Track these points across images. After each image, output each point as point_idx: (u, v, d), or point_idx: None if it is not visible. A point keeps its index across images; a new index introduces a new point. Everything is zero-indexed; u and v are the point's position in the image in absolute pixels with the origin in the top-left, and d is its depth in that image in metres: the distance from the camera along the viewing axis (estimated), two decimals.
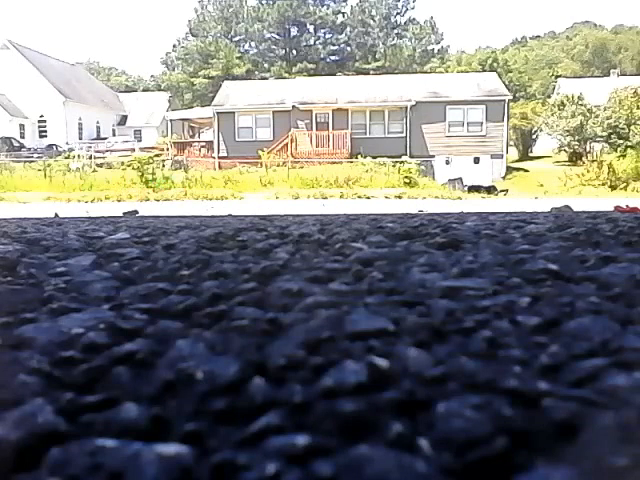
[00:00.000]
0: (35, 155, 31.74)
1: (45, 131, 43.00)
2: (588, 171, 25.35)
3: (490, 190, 23.55)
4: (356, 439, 0.46)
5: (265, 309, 0.88)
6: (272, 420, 0.49)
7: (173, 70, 67.66)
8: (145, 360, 0.66)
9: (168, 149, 32.42)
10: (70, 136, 41.86)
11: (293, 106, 30.29)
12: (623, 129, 31.30)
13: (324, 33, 68.65)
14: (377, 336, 0.72)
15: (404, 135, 30.12)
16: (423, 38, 67.17)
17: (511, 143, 35.27)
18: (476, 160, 29.83)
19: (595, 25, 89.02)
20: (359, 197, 17.97)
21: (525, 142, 37.87)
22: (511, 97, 32.53)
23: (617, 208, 3.68)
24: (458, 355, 0.65)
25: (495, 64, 56.41)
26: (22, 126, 41.86)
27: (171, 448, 0.44)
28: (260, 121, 31.04)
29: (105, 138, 42.00)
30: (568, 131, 32.12)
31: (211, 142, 31.96)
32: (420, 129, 30.03)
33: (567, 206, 4.57)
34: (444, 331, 0.75)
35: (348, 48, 67.90)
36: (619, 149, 29.46)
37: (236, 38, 67.96)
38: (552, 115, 33.17)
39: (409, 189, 19.84)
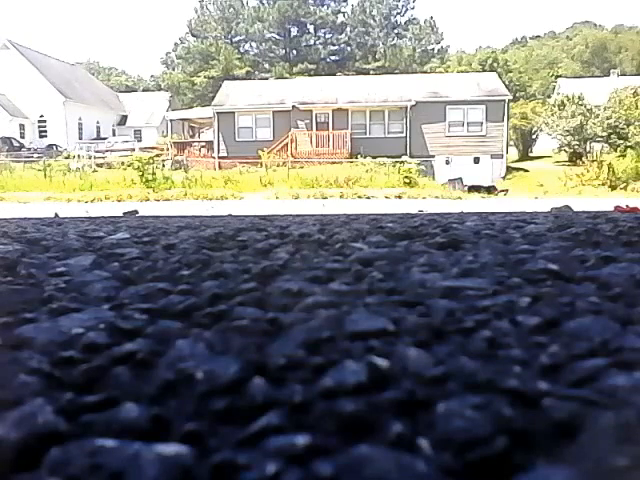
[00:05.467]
0: (35, 155, 31.70)
1: (45, 131, 42.97)
2: (588, 171, 25.34)
3: (490, 190, 23.54)
4: (356, 439, 0.46)
5: (265, 309, 0.88)
6: (272, 420, 0.49)
7: (173, 70, 67.68)
8: (145, 360, 0.66)
9: (168, 149, 32.41)
10: (70, 136, 41.85)
11: (293, 106, 30.29)
12: (623, 129, 31.30)
13: (324, 33, 68.68)
14: (377, 336, 0.72)
15: (404, 135, 30.12)
16: (423, 38, 67.19)
17: (511, 143, 35.27)
18: (476, 160, 29.83)
19: (595, 25, 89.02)
20: (359, 197, 17.97)
21: (525, 142, 37.85)
22: (511, 97, 32.53)
23: (617, 208, 3.68)
24: (458, 355, 0.65)
25: (495, 64, 56.41)
26: (22, 126, 41.83)
27: (171, 448, 0.44)
28: (260, 121, 31.04)
29: (105, 138, 41.95)
30: (568, 131, 32.11)
31: (211, 142, 31.96)
32: (420, 129, 30.03)
33: (567, 206, 4.57)
34: (444, 331, 0.75)
35: (348, 48, 67.91)
36: (619, 149, 29.45)
37: (236, 38, 68.00)
38: (552, 115, 33.16)
39: (409, 189, 19.84)
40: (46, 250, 1.65)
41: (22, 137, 40.54)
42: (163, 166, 25.89)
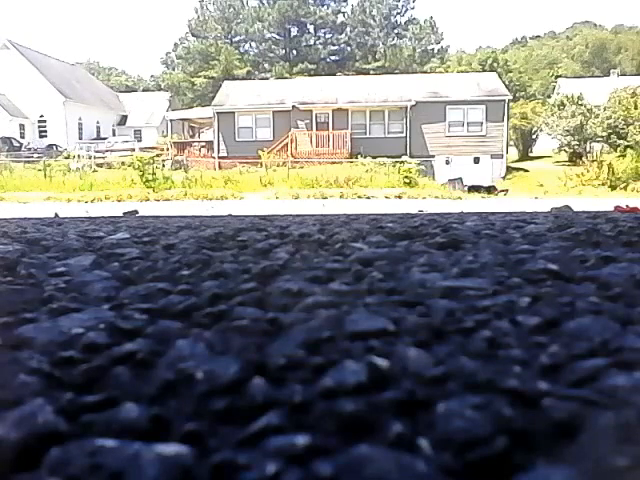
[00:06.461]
0: (35, 155, 31.69)
1: (45, 131, 42.95)
2: (588, 171, 25.35)
3: (490, 190, 23.54)
4: (356, 439, 0.46)
5: (265, 309, 0.88)
6: (272, 420, 0.49)
7: (173, 70, 67.71)
8: (145, 360, 0.66)
9: (168, 149, 32.41)
10: (70, 136, 41.84)
11: (293, 106, 30.30)
12: (623, 129, 31.29)
13: (324, 33, 68.70)
14: (377, 336, 0.72)
15: (404, 135, 30.12)
16: (423, 38, 67.18)
17: (511, 143, 35.28)
18: (476, 160, 29.83)
19: (595, 25, 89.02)
20: (359, 197, 17.98)
21: (525, 142, 37.85)
22: (511, 97, 32.53)
23: (617, 208, 3.68)
24: (458, 355, 0.65)
25: (495, 64, 56.41)
26: (22, 126, 41.81)
27: (171, 448, 0.44)
28: (260, 121, 31.04)
29: (105, 138, 41.94)
30: (568, 131, 32.11)
31: (211, 142, 31.97)
32: (420, 129, 30.03)
33: (567, 206, 4.57)
34: (444, 331, 0.75)
35: (348, 48, 67.91)
36: (619, 149, 29.44)
37: (236, 38, 68.01)
38: (552, 115, 33.16)
39: (409, 189, 19.84)
40: (46, 250, 1.65)
41: (22, 137, 40.51)
42: (163, 166, 25.88)
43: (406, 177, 21.39)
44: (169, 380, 0.59)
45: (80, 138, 42.32)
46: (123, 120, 49.48)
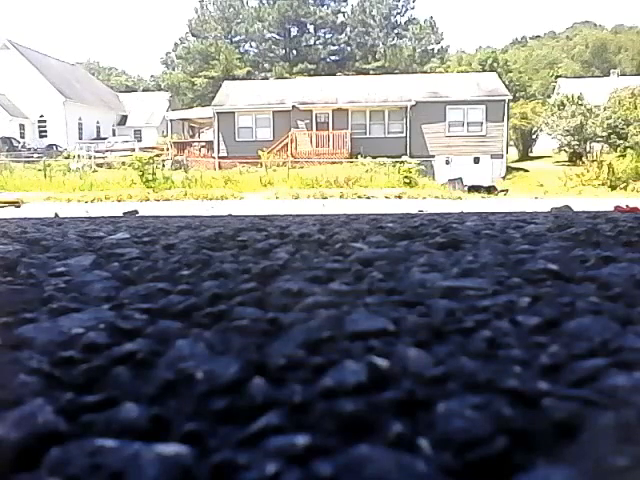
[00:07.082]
0: (35, 155, 31.68)
1: (45, 131, 42.96)
2: (588, 171, 25.36)
3: (490, 190, 23.54)
4: (356, 439, 0.46)
5: (265, 309, 0.88)
6: (272, 420, 0.49)
7: (173, 70, 67.74)
8: (145, 360, 0.66)
9: (168, 149, 32.41)
10: (70, 136, 41.84)
11: (293, 106, 30.30)
12: (623, 129, 31.29)
13: (324, 33, 68.74)
14: (377, 336, 0.72)
15: (404, 135, 30.12)
16: (423, 38, 67.20)
17: (511, 143, 35.28)
18: (476, 160, 29.83)
19: (595, 25, 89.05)
20: (359, 197, 17.99)
21: (525, 142, 37.85)
22: (511, 97, 32.53)
23: (617, 208, 3.68)
24: (458, 355, 0.65)
25: (495, 64, 56.41)
26: (22, 126, 41.81)
27: (171, 448, 0.44)
28: (260, 121, 31.05)
29: (105, 138, 41.95)
30: (568, 131, 32.10)
31: (211, 142, 31.96)
32: (420, 129, 30.03)
33: (567, 206, 4.57)
34: (444, 331, 0.75)
35: (348, 48, 67.94)
36: (619, 149, 29.44)
37: (236, 38, 68.04)
38: (552, 115, 33.16)
39: (409, 189, 19.85)
40: (46, 250, 1.65)
41: (22, 137, 40.49)
42: (163, 166, 25.89)
43: (406, 177, 21.40)
44: (169, 380, 0.59)
45: (80, 138, 42.31)
46: (123, 120, 49.46)
